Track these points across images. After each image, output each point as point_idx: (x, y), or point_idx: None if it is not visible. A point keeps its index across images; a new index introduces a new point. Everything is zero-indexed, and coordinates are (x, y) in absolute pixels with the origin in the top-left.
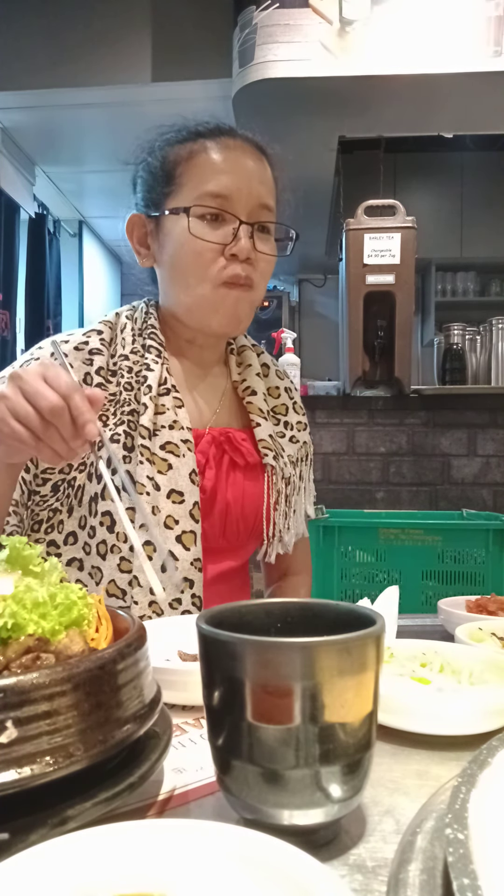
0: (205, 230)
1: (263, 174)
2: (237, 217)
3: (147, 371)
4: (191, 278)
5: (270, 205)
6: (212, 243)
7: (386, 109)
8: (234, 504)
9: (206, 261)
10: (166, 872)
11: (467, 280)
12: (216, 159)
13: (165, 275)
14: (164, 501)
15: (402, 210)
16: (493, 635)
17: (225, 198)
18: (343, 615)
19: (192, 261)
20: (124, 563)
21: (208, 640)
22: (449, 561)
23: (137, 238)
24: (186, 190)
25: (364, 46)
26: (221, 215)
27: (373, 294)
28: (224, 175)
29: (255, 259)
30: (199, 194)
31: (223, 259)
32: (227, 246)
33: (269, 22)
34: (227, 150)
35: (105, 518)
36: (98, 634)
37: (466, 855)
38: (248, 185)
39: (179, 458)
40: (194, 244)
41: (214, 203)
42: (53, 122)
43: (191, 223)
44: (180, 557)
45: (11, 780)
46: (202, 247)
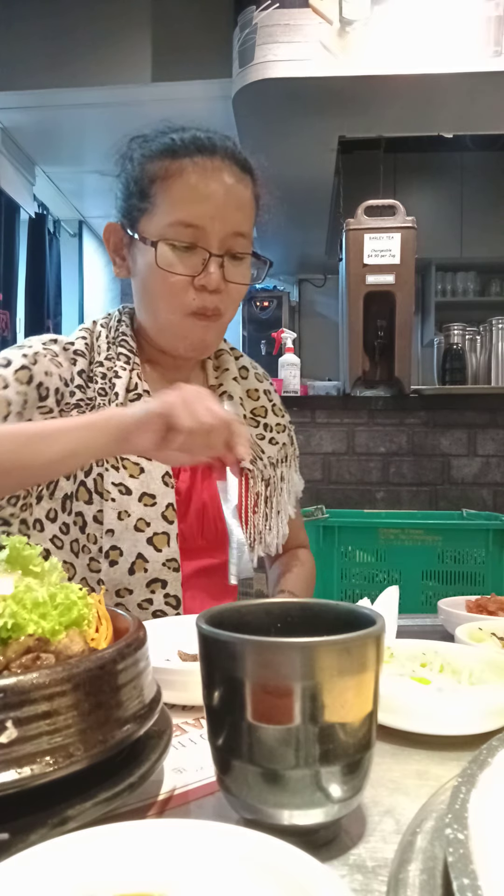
0: (173, 261)
1: (241, 197)
2: (207, 250)
3: (115, 378)
4: (160, 305)
5: (245, 231)
6: (180, 275)
7: (386, 109)
8: (211, 504)
9: (176, 290)
10: (166, 872)
11: (467, 280)
12: (190, 184)
13: (137, 293)
14: (136, 505)
15: (402, 210)
16: (493, 635)
17: (196, 227)
18: (343, 615)
19: (160, 289)
20: (93, 564)
21: (208, 640)
22: (449, 561)
23: (114, 246)
24: (159, 213)
25: (364, 46)
26: (192, 246)
27: (373, 294)
28: (197, 203)
29: (226, 289)
30: (171, 222)
31: (192, 289)
32: (196, 277)
33: (269, 22)
34: (204, 172)
35: (78, 518)
36: (98, 634)
37: (466, 855)
38: (222, 213)
39: (151, 461)
40: (163, 274)
41: (185, 234)
42: (53, 122)
43: (159, 253)
44: (150, 559)
45: (11, 780)
46: (171, 277)
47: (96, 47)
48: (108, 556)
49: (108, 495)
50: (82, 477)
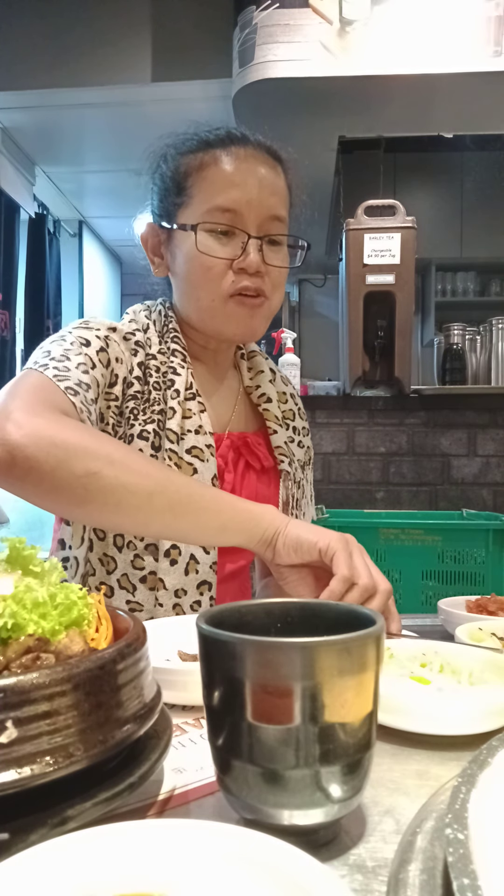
0: (213, 245)
1: (276, 183)
2: (246, 232)
3: (174, 375)
4: (201, 292)
5: (282, 215)
6: (220, 259)
7: (386, 109)
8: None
9: (216, 275)
10: (166, 872)
11: (467, 280)
12: (226, 171)
13: (178, 286)
14: None
15: (402, 210)
16: (493, 635)
17: (234, 212)
18: (343, 615)
19: (201, 275)
20: (137, 561)
21: (208, 640)
22: (449, 561)
23: (151, 247)
24: (196, 203)
25: (364, 46)
26: (231, 230)
27: (373, 294)
28: (234, 188)
29: (266, 272)
30: (209, 208)
31: (232, 273)
32: (235, 260)
33: (269, 22)
34: (238, 160)
35: None
36: (98, 634)
37: (466, 855)
38: (258, 197)
39: (204, 462)
40: (203, 260)
41: (223, 218)
42: (53, 122)
43: (199, 239)
44: (201, 561)
45: (11, 780)
46: (211, 262)
47: (96, 47)
48: (168, 554)
49: None
50: None
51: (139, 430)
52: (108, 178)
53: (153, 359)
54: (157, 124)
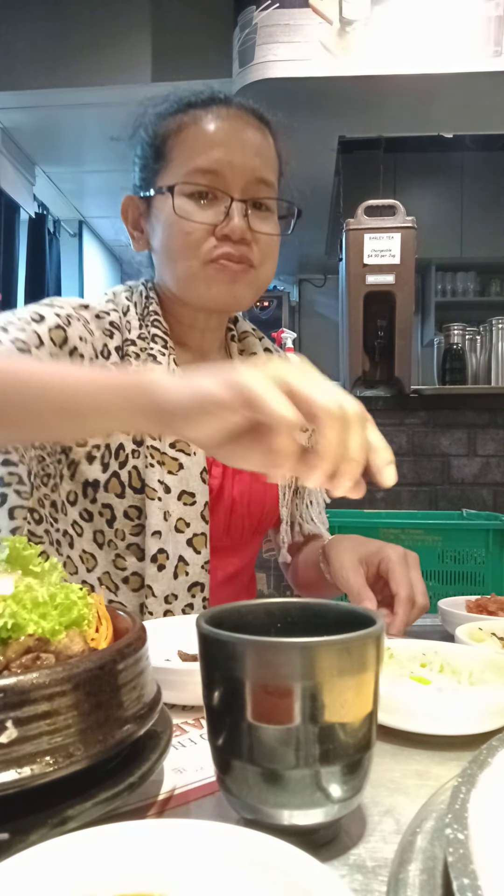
0: (192, 209)
1: (262, 145)
2: (228, 194)
3: (154, 363)
4: (178, 259)
5: (269, 179)
6: (200, 224)
7: (386, 109)
8: (240, 500)
9: (194, 241)
10: (166, 872)
11: (467, 280)
12: (207, 131)
13: (157, 259)
14: (175, 504)
15: (402, 210)
16: (493, 635)
17: (215, 173)
18: (343, 615)
19: (179, 242)
20: (119, 560)
21: (208, 640)
22: (449, 561)
23: (131, 221)
24: (175, 166)
25: (364, 46)
26: (211, 192)
27: (373, 294)
28: (214, 148)
29: (253, 239)
30: (188, 170)
31: (213, 239)
32: (218, 226)
33: (269, 22)
34: (220, 119)
35: (105, 510)
36: (98, 634)
37: (466, 855)
38: (241, 158)
39: (190, 456)
40: (181, 225)
41: (203, 179)
42: (53, 122)
43: (176, 202)
44: (191, 562)
45: (11, 780)
46: (190, 227)
47: (96, 47)
48: (155, 559)
49: (153, 493)
50: (116, 468)
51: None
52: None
53: (132, 344)
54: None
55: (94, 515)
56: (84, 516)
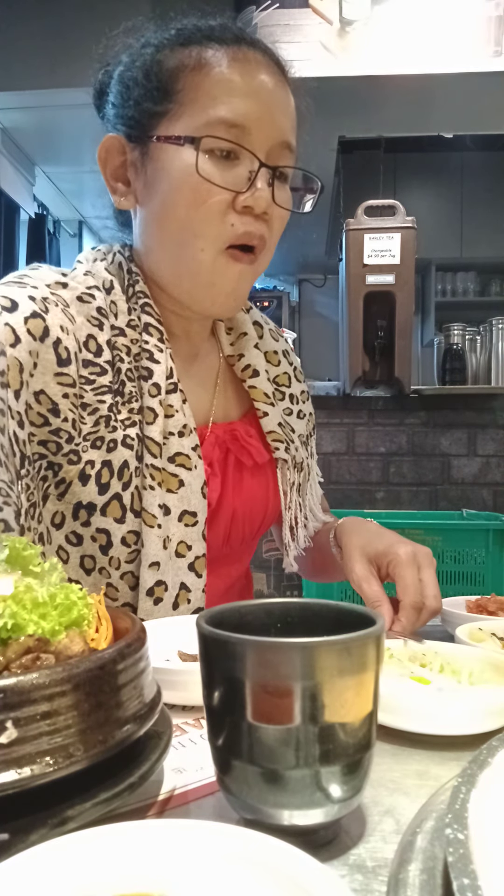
0: (212, 171)
1: (287, 102)
2: (256, 156)
3: (151, 362)
4: (189, 235)
5: (293, 144)
6: (222, 188)
7: (386, 109)
8: (241, 509)
9: (213, 213)
10: (166, 872)
11: (467, 280)
12: (232, 74)
13: (152, 224)
14: (176, 526)
15: (402, 210)
16: (493, 635)
17: (241, 129)
18: (343, 615)
19: (193, 211)
20: (111, 591)
21: (208, 640)
22: (449, 561)
23: (112, 170)
24: (189, 112)
25: (364, 46)
26: (235, 152)
27: (373, 294)
28: (243, 98)
29: (271, 215)
30: (208, 121)
31: (233, 213)
32: (240, 195)
33: (269, 22)
34: (246, 64)
35: (100, 535)
36: (98, 634)
37: (466, 855)
38: (270, 115)
39: (190, 470)
40: (199, 188)
41: (228, 135)
42: (53, 122)
43: (199, 160)
44: (193, 587)
45: (11, 780)
46: (209, 193)
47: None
48: (151, 593)
49: (152, 520)
50: (119, 489)
51: (122, 437)
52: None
53: (121, 334)
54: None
55: (85, 540)
56: (71, 540)
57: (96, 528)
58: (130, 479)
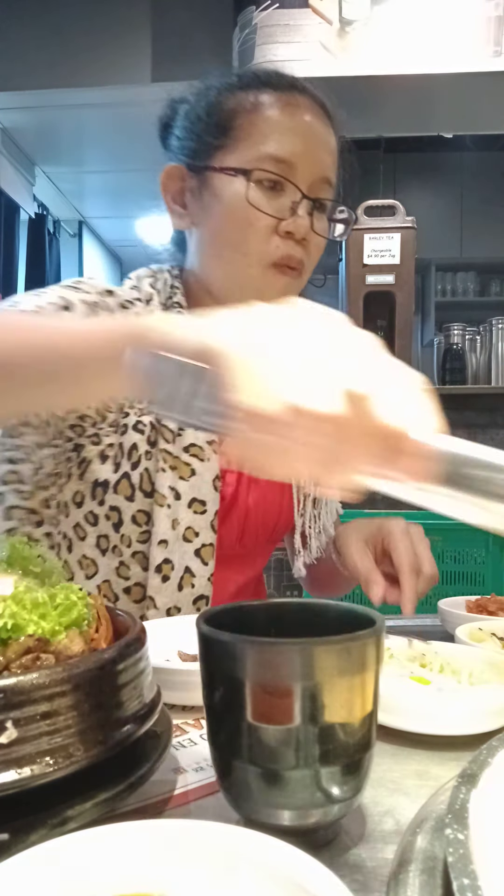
0: (261, 199)
1: (329, 142)
2: (299, 188)
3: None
4: (237, 253)
5: (332, 179)
6: (268, 215)
7: (386, 109)
8: (255, 509)
9: (259, 236)
10: (166, 872)
11: (467, 280)
12: (283, 116)
13: (205, 242)
14: (185, 511)
15: (402, 210)
16: (493, 635)
17: (288, 164)
18: (343, 615)
19: (242, 232)
20: (123, 569)
21: (208, 640)
22: (449, 561)
23: (173, 194)
24: (243, 147)
25: (364, 46)
26: (281, 184)
27: (373, 294)
28: (291, 137)
29: (309, 241)
30: (260, 155)
31: (277, 237)
32: (283, 221)
33: (269, 22)
34: (296, 108)
35: (113, 513)
36: (98, 634)
37: (466, 855)
38: (314, 153)
39: (203, 462)
40: (248, 214)
41: (276, 169)
42: (53, 122)
43: (250, 189)
44: (197, 573)
45: (11, 780)
46: (257, 218)
47: (96, 47)
48: (160, 569)
49: (162, 500)
50: (128, 468)
51: (134, 422)
52: (108, 178)
53: None
54: (156, 124)
55: (100, 519)
56: (89, 519)
57: (109, 505)
58: (140, 460)
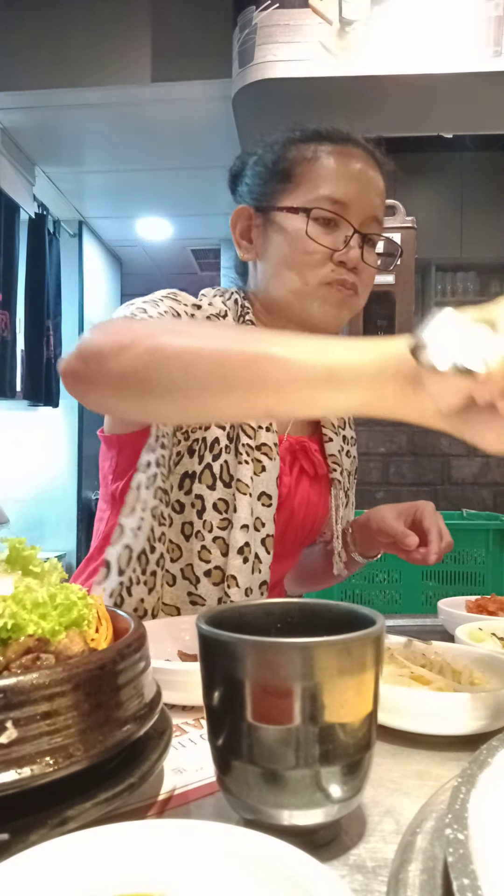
0: (319, 233)
1: (378, 186)
2: (352, 225)
3: None
4: (296, 274)
5: (381, 218)
6: (324, 247)
7: (386, 109)
8: (298, 511)
9: (317, 262)
10: (166, 872)
11: (467, 280)
12: (338, 165)
13: (268, 269)
14: (256, 503)
15: (402, 210)
16: (493, 635)
17: (343, 204)
18: (343, 615)
19: (301, 258)
20: (204, 553)
21: (208, 640)
22: (449, 561)
23: (241, 231)
24: (304, 190)
25: (364, 46)
26: (336, 221)
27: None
28: (345, 182)
29: (360, 270)
30: (318, 197)
31: (331, 264)
32: (337, 252)
33: (268, 22)
34: (350, 157)
35: (197, 501)
36: (98, 634)
37: (466, 855)
38: (365, 195)
39: (272, 460)
40: (307, 245)
41: (332, 208)
42: (53, 122)
43: (309, 225)
44: (263, 560)
45: (11, 780)
46: (314, 248)
47: (96, 47)
48: (241, 551)
49: (245, 488)
50: (209, 460)
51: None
52: (108, 178)
53: None
54: (157, 124)
55: (186, 506)
56: (175, 508)
57: (195, 494)
58: (221, 453)
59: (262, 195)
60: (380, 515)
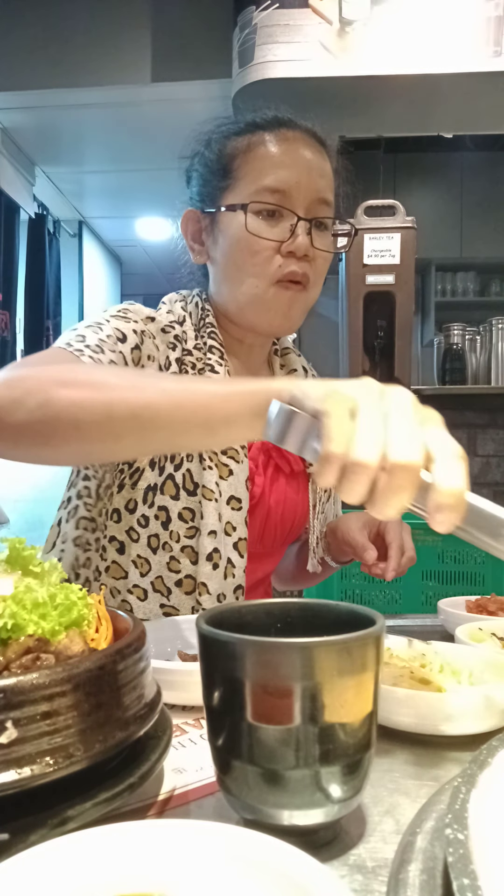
0: (261, 227)
1: (322, 167)
2: (295, 213)
3: (211, 372)
4: (246, 276)
5: (329, 199)
6: (269, 240)
7: (386, 109)
8: (275, 509)
9: (263, 258)
10: (166, 872)
11: (467, 280)
12: (274, 152)
13: (219, 272)
14: (225, 507)
15: (402, 210)
16: (493, 635)
17: (283, 193)
18: (343, 615)
19: (247, 258)
20: (173, 563)
21: (208, 640)
22: (449, 561)
23: (192, 234)
24: (243, 184)
25: (364, 46)
26: (279, 211)
27: (373, 294)
28: (282, 169)
29: (313, 256)
30: (257, 189)
31: (280, 257)
32: (284, 243)
33: (268, 22)
34: (286, 142)
35: (161, 513)
36: (98, 634)
37: (466, 855)
38: (306, 178)
39: (239, 463)
40: (250, 241)
41: (272, 199)
42: (53, 122)
43: (248, 220)
44: (237, 564)
45: (11, 780)
46: (259, 244)
47: (96, 47)
48: (210, 558)
49: (210, 494)
50: (171, 470)
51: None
52: (108, 178)
53: (189, 354)
54: (157, 124)
55: (150, 520)
56: (141, 522)
57: (158, 506)
58: (182, 462)
59: (205, 197)
60: (346, 525)
